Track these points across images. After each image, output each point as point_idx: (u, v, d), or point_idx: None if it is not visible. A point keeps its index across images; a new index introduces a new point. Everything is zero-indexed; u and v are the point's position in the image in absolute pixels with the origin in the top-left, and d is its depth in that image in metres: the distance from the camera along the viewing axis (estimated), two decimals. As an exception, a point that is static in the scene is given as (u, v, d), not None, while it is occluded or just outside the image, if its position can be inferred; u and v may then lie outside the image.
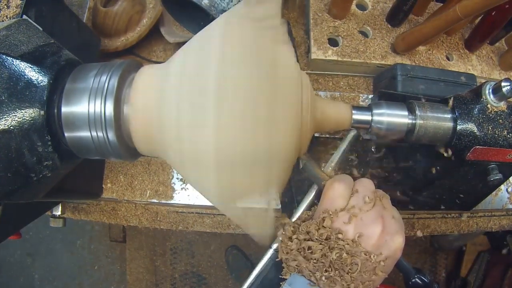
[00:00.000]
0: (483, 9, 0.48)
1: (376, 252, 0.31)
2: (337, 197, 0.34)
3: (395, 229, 0.33)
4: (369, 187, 0.35)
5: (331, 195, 0.35)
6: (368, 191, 0.35)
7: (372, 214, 0.33)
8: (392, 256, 0.32)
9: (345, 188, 0.35)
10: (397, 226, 0.33)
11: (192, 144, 0.30)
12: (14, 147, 0.29)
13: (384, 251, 0.32)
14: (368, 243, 0.32)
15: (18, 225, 0.51)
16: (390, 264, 0.33)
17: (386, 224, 0.32)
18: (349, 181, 0.36)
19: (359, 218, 0.32)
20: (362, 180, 0.36)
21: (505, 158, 0.41)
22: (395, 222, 0.34)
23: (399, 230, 0.33)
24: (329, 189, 0.35)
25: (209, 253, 1.51)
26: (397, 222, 0.34)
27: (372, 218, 0.32)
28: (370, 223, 0.32)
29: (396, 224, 0.34)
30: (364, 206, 0.33)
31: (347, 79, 0.67)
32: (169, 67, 0.33)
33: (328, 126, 0.40)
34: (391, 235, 0.32)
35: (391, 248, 0.32)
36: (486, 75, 0.67)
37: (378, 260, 0.31)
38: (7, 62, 0.29)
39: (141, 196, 0.62)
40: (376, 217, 0.33)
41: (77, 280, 1.59)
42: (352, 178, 0.37)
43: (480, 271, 1.35)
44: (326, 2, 0.66)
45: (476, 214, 0.68)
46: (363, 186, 0.35)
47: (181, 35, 0.67)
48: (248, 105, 0.30)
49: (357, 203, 0.33)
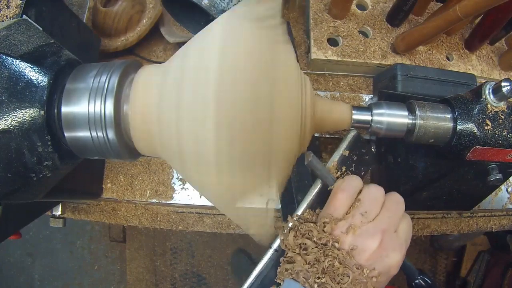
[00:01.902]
0: (483, 9, 0.48)
1: (370, 266, 0.31)
2: (340, 207, 0.34)
3: (394, 246, 0.32)
4: (376, 196, 0.34)
5: (334, 203, 0.34)
6: (373, 201, 0.34)
7: (371, 227, 0.32)
8: (386, 272, 0.32)
9: (348, 198, 0.34)
10: (396, 243, 0.32)
11: (192, 144, 0.30)
12: (14, 147, 0.29)
13: (378, 266, 0.31)
14: (362, 256, 0.31)
15: (18, 225, 0.51)
16: (384, 280, 0.32)
17: (385, 239, 0.32)
18: (354, 189, 0.35)
19: (358, 230, 0.32)
20: (370, 187, 0.35)
21: (505, 158, 0.41)
22: (396, 238, 0.33)
23: (397, 247, 0.32)
24: (333, 198, 0.35)
25: (209, 253, 1.51)
26: (399, 238, 0.33)
27: (371, 232, 0.32)
28: (368, 236, 0.32)
29: (397, 240, 0.32)
30: (364, 218, 0.33)
31: (347, 79, 0.67)
32: (169, 67, 0.33)
33: (328, 126, 0.40)
34: (388, 251, 0.31)
35: (385, 265, 0.31)
36: (486, 75, 0.67)
37: (371, 276, 0.31)
38: (7, 62, 0.29)
39: (141, 196, 0.62)
40: (375, 231, 0.32)
41: (77, 280, 1.59)
42: (360, 182, 0.35)
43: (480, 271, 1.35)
44: (326, 2, 0.66)
45: (476, 214, 0.68)
46: (368, 195, 0.34)
47: (181, 35, 0.67)
48: (248, 105, 0.30)
49: (358, 215, 0.33)
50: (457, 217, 0.67)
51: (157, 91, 0.32)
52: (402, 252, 0.32)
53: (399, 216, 0.34)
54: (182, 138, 0.31)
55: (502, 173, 0.43)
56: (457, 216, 0.67)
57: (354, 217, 0.33)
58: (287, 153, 0.34)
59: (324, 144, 0.65)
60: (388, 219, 0.33)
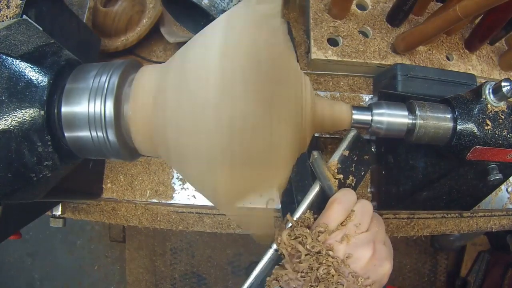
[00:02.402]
0: (483, 9, 0.48)
1: (364, 275, 0.32)
2: (335, 218, 0.34)
3: (385, 256, 0.34)
4: (367, 210, 0.36)
5: (330, 213, 0.35)
6: (365, 214, 0.35)
7: (364, 237, 0.33)
8: (379, 281, 0.33)
9: (344, 210, 0.35)
10: (386, 253, 0.34)
11: (192, 144, 0.30)
12: (14, 147, 0.29)
13: (372, 275, 0.32)
14: (357, 265, 0.32)
15: (18, 225, 0.51)
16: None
17: (376, 249, 0.33)
18: (350, 202, 0.35)
19: (352, 240, 0.33)
20: (362, 201, 0.36)
21: (505, 158, 0.41)
22: (385, 248, 0.34)
23: (388, 257, 0.34)
24: (330, 208, 0.35)
25: (209, 253, 1.51)
26: (387, 248, 0.35)
27: (364, 241, 0.33)
28: (361, 246, 0.33)
29: (386, 250, 0.34)
30: (358, 229, 0.34)
31: (347, 79, 0.67)
32: (169, 66, 0.33)
33: (328, 126, 0.40)
34: (381, 260, 0.33)
35: (379, 274, 0.33)
36: (486, 75, 0.67)
37: (365, 284, 0.31)
38: (7, 62, 0.29)
39: (141, 196, 0.62)
40: (368, 241, 0.33)
41: (77, 280, 1.59)
42: (355, 195, 0.37)
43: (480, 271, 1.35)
44: (326, 2, 0.66)
45: (476, 214, 0.68)
46: (361, 208, 0.35)
47: (181, 35, 0.67)
48: (249, 104, 0.30)
49: (352, 225, 0.34)
50: (457, 217, 0.67)
51: (157, 91, 0.32)
52: (392, 262, 0.34)
53: (384, 231, 0.36)
54: (182, 138, 0.31)
55: (502, 173, 0.43)
56: (457, 216, 0.67)
57: (348, 227, 0.34)
58: (287, 153, 0.34)
59: (324, 144, 0.65)
60: (376, 231, 0.35)
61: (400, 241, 1.46)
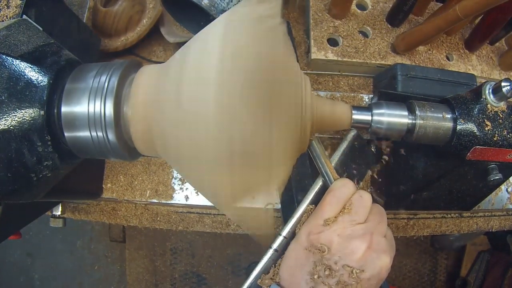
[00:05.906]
0: (483, 9, 0.48)
1: (360, 268, 0.31)
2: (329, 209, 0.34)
3: (383, 248, 0.32)
4: (365, 201, 0.35)
5: (324, 205, 0.34)
6: (363, 206, 0.34)
7: (360, 229, 0.32)
8: (376, 275, 0.31)
9: (339, 201, 0.34)
10: (385, 245, 0.33)
11: (192, 143, 0.30)
12: (14, 147, 0.29)
13: (367, 268, 0.31)
14: (352, 258, 0.31)
15: (18, 225, 0.51)
16: (374, 284, 0.32)
17: (373, 241, 0.32)
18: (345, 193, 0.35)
19: (347, 231, 0.32)
20: (361, 192, 0.35)
21: (505, 158, 0.41)
22: (385, 241, 0.33)
23: (387, 250, 0.32)
24: (324, 200, 0.35)
25: (209, 253, 1.51)
26: (388, 242, 0.33)
27: (360, 233, 0.32)
28: (356, 237, 0.32)
29: (386, 243, 0.33)
30: (353, 220, 0.33)
31: (347, 79, 0.67)
32: (169, 66, 0.33)
33: (328, 126, 0.40)
34: (378, 253, 0.31)
35: (376, 266, 0.31)
36: (486, 75, 0.67)
37: (361, 277, 0.30)
38: (7, 62, 0.29)
39: (141, 196, 0.62)
40: (364, 233, 0.32)
41: (77, 280, 1.59)
42: (354, 186, 0.36)
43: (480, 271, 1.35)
44: (326, 2, 0.66)
45: (476, 214, 0.68)
46: (359, 199, 0.34)
47: (181, 35, 0.67)
48: (248, 104, 0.30)
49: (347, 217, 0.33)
50: (457, 217, 0.67)
51: (157, 91, 0.32)
52: (391, 256, 0.33)
53: (385, 224, 0.35)
54: (181, 138, 0.31)
55: (502, 173, 0.43)
56: (457, 216, 0.67)
57: (344, 218, 0.33)
58: (287, 154, 0.34)
59: (324, 144, 0.65)
60: (377, 223, 0.33)
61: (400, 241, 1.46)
